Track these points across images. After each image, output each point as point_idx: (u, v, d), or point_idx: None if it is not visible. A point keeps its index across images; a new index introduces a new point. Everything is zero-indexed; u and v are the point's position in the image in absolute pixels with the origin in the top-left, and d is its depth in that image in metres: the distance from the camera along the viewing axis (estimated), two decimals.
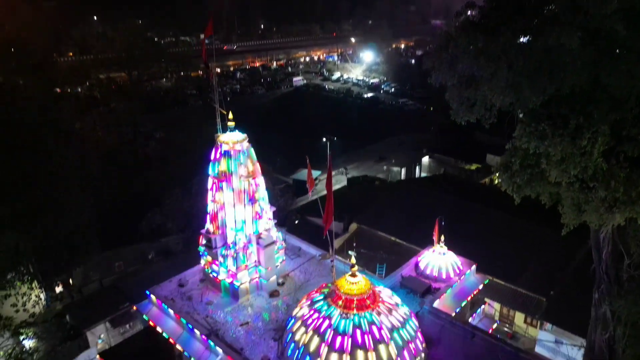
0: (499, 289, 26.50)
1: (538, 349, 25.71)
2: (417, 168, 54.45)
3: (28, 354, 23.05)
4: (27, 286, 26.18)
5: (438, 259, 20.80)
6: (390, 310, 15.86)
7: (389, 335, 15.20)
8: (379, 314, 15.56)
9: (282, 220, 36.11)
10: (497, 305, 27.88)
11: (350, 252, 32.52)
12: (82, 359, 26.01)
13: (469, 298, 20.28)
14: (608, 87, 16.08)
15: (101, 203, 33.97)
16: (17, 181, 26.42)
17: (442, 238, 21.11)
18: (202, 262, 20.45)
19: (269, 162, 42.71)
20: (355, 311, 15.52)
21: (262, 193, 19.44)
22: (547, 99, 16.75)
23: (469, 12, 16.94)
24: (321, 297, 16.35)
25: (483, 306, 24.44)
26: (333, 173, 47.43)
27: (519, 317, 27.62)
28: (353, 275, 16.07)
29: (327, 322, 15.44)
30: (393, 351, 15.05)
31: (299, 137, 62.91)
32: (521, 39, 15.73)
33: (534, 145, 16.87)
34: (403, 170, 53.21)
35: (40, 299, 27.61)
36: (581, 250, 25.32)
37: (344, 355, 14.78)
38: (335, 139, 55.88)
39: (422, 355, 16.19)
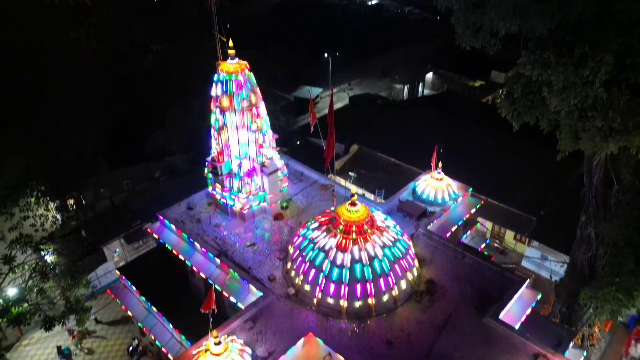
0: (492, 208, 27.81)
1: (524, 264, 27.66)
2: (421, 85, 53.70)
3: (50, 269, 24.83)
4: (42, 207, 27.43)
5: (434, 184, 21.61)
6: (383, 232, 17.03)
7: (381, 252, 16.50)
8: (374, 236, 16.76)
9: (284, 141, 36.57)
10: (489, 224, 29.41)
11: (350, 174, 33.55)
12: (101, 271, 28.19)
13: (462, 221, 21.39)
14: (616, 14, 15.76)
15: (105, 122, 34.30)
16: (23, 106, 26.62)
17: (440, 164, 21.72)
18: (209, 186, 21.33)
19: (268, 78, 42.11)
20: (354, 235, 16.67)
21: (264, 121, 19.73)
22: (553, 27, 16.48)
23: None
24: (324, 220, 17.43)
25: (476, 225, 25.74)
26: (335, 90, 46.63)
27: (509, 235, 29.29)
28: (353, 204, 16.95)
29: (330, 241, 16.67)
30: (385, 265, 16.43)
31: (299, 48, 61.05)
32: None
33: (537, 72, 16.94)
34: (406, 88, 52.57)
35: (57, 219, 29.07)
36: (574, 172, 26.05)
37: (344, 270, 16.18)
38: (337, 54, 54.46)
39: (415, 271, 17.64)
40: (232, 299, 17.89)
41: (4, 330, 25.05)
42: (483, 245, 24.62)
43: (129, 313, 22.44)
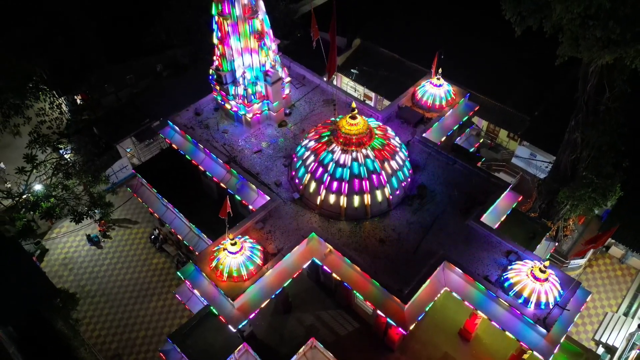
0: (488, 107, 28.60)
1: (514, 161, 29.33)
2: None
3: (70, 166, 26.72)
4: (50, 100, 28.19)
5: (433, 90, 22.27)
6: (383, 145, 18.34)
7: (380, 165, 18.02)
8: (372, 149, 18.10)
9: (285, 34, 35.76)
10: (484, 123, 30.48)
11: (352, 70, 33.63)
12: (117, 167, 30.12)
13: (457, 126, 22.47)
14: None
15: (101, 16, 33.35)
16: (21, 9, 26.05)
17: (440, 70, 22.13)
18: (215, 93, 22.06)
19: None
20: (353, 148, 17.99)
21: (267, 29, 19.79)
22: None
23: None
24: (326, 134, 18.60)
25: (472, 127, 26.81)
26: None
27: (503, 132, 30.49)
28: (353, 117, 17.94)
29: (330, 155, 18.08)
30: (383, 178, 18.07)
31: None
32: None
33: None
34: None
35: (66, 115, 30.09)
36: (570, 76, 26.37)
37: (343, 183, 17.86)
38: None
39: (408, 179, 19.33)
40: (243, 201, 19.88)
41: (37, 221, 27.72)
42: (476, 145, 26.01)
43: (149, 209, 24.71)
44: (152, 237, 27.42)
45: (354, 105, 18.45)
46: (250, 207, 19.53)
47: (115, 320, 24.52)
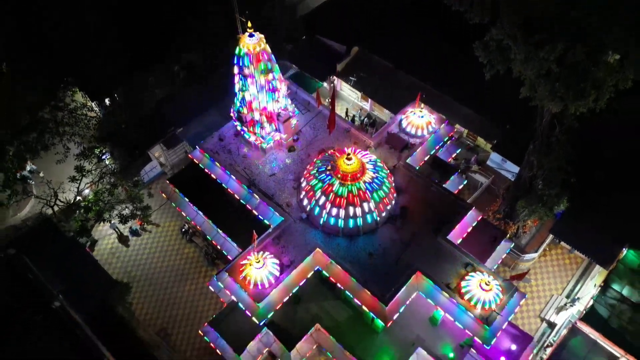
0: (469, 117, 32.92)
1: (489, 163, 34.10)
2: None
3: (112, 171, 31.67)
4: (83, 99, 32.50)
5: (416, 120, 26.77)
6: (372, 179, 23.21)
7: (370, 196, 23.00)
8: (364, 182, 23.00)
9: (289, 36, 39.05)
10: (465, 130, 34.96)
11: (350, 78, 37.71)
12: (148, 168, 35.05)
13: (433, 151, 27.19)
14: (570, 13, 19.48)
15: (120, 26, 36.49)
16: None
17: (422, 105, 26.50)
18: (235, 123, 26.57)
19: None
20: (349, 182, 22.87)
21: (279, 83, 24.04)
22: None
23: None
24: (326, 169, 23.35)
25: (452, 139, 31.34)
26: None
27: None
28: (349, 158, 22.66)
29: (330, 187, 23.02)
30: (372, 205, 23.11)
31: None
32: None
33: (506, 42, 21.00)
34: None
35: (97, 113, 34.50)
36: None
37: (341, 210, 22.93)
38: None
39: (392, 202, 24.37)
40: (260, 216, 25.08)
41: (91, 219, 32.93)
42: (453, 157, 30.77)
43: (182, 213, 29.91)
44: (183, 230, 32.88)
45: (349, 150, 22.99)
46: (267, 222, 24.75)
47: (158, 300, 30.48)
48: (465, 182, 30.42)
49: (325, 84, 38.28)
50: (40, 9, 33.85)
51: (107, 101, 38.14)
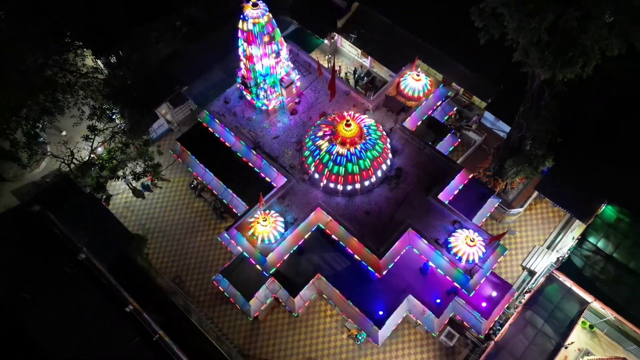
0: (465, 75, 33.92)
1: (483, 121, 35.54)
2: None
3: (122, 130, 33.23)
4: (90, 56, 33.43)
5: (413, 84, 27.98)
6: (367, 142, 24.86)
7: (365, 154, 24.74)
8: (362, 144, 24.69)
9: None
10: (461, 89, 36.04)
11: (350, 35, 38.26)
12: (156, 126, 36.54)
13: (430, 112, 28.60)
14: None
15: None
16: None
17: (419, 68, 27.59)
18: (244, 92, 27.79)
19: None
20: (348, 146, 24.55)
21: (282, 47, 25.04)
22: None
23: None
24: (328, 135, 24.94)
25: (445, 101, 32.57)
26: None
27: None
28: (348, 124, 24.19)
29: (332, 148, 24.74)
30: (368, 163, 24.90)
31: None
32: None
33: (500, 8, 21.95)
34: None
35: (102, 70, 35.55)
36: None
37: (341, 167, 24.77)
38: None
39: (388, 162, 26.17)
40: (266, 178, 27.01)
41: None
42: (450, 113, 32.19)
43: (192, 171, 31.78)
44: (192, 185, 34.92)
45: (348, 118, 24.48)
46: (273, 183, 26.71)
47: (172, 250, 33.10)
48: (458, 140, 32.07)
49: (325, 41, 38.88)
50: None
51: (112, 59, 38.88)
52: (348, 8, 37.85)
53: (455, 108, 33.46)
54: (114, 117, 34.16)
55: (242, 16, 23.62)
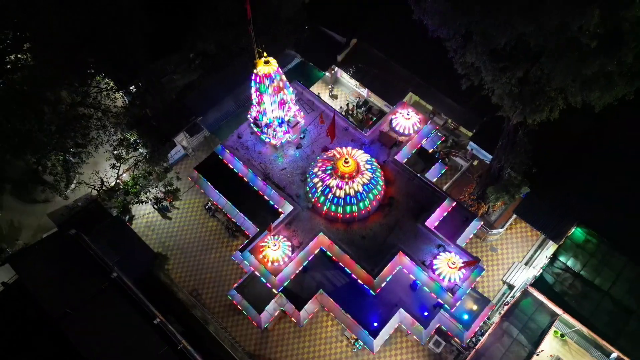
0: (453, 107, 37.70)
1: (469, 147, 39.27)
2: None
3: (142, 155, 37.02)
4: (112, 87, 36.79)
5: (404, 121, 31.72)
6: (366, 177, 28.59)
7: (366, 194, 28.46)
8: (360, 180, 28.42)
9: (294, 27, 42.61)
10: (450, 120, 39.78)
11: (349, 69, 41.99)
12: (173, 152, 40.34)
13: (419, 146, 32.35)
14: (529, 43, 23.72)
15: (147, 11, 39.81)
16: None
17: (410, 108, 31.35)
18: (255, 128, 31.57)
19: None
20: (347, 180, 28.28)
21: (289, 97, 28.80)
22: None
23: None
24: (329, 169, 28.66)
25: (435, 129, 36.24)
26: None
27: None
28: (346, 162, 27.92)
29: (332, 183, 28.48)
30: (368, 202, 28.62)
31: None
32: None
33: (476, 62, 25.51)
34: None
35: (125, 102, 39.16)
36: None
37: (339, 207, 28.50)
38: None
39: (382, 193, 29.89)
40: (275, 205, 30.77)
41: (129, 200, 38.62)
42: (442, 139, 35.92)
43: (208, 197, 35.56)
44: (206, 207, 38.72)
45: (345, 156, 28.21)
46: (280, 210, 30.49)
47: (189, 266, 36.89)
48: (446, 167, 35.81)
49: (327, 73, 42.64)
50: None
51: (132, 89, 42.64)
52: (347, 44, 41.65)
53: (452, 139, 37.23)
54: (137, 146, 37.94)
55: (254, 78, 27.39)
